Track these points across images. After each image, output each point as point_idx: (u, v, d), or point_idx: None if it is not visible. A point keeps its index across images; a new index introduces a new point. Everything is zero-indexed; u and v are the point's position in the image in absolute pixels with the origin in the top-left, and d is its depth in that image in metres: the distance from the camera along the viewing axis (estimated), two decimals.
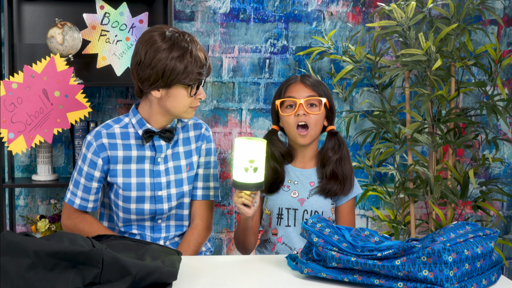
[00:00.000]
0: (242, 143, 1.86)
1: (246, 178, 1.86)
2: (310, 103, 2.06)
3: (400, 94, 3.10)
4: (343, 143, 2.10)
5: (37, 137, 2.65)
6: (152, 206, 2.05)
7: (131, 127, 2.05)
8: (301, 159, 2.14)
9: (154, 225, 2.10)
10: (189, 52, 1.92)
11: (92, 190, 2.06)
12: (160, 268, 1.42)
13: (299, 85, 2.08)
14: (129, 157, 2.03)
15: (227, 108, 3.07)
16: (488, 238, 1.55)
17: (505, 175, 3.21)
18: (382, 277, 1.51)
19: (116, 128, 2.04)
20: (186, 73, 1.91)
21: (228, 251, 3.14)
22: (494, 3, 3.06)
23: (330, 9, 3.07)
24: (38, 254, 1.36)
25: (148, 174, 2.04)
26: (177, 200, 2.08)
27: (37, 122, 2.65)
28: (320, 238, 1.58)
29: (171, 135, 2.03)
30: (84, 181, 2.04)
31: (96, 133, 2.04)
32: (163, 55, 1.90)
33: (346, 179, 2.08)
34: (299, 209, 2.10)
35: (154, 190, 2.04)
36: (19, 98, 2.63)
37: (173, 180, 2.07)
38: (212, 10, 3.03)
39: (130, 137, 2.04)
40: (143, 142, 2.02)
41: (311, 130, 2.06)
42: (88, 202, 2.07)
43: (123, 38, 2.87)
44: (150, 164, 2.05)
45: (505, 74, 3.15)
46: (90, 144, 2.03)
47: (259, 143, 1.86)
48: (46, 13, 2.90)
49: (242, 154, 1.86)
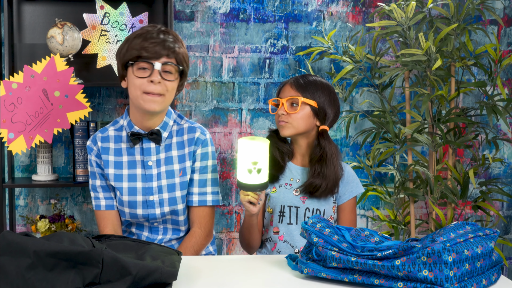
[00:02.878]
0: (245, 144, 1.85)
1: (250, 179, 1.87)
2: (291, 103, 2.09)
3: (400, 94, 3.10)
4: (329, 144, 2.11)
5: (37, 137, 2.65)
6: (144, 211, 2.04)
7: (124, 130, 2.06)
8: (300, 157, 2.16)
9: (151, 226, 2.10)
10: (141, 30, 1.92)
11: (109, 188, 2.07)
12: (160, 268, 1.42)
13: (287, 86, 2.13)
14: (120, 162, 2.03)
15: (227, 108, 3.07)
16: (488, 238, 1.55)
17: (505, 175, 3.21)
18: (382, 277, 1.51)
19: (110, 131, 2.05)
20: (129, 51, 1.91)
21: (228, 251, 3.14)
22: (494, 3, 3.06)
23: (330, 9, 3.07)
24: (38, 254, 1.36)
25: (140, 179, 2.03)
26: (169, 205, 2.05)
27: (37, 122, 2.65)
28: (320, 238, 1.58)
29: (158, 137, 2.00)
30: (100, 182, 2.05)
31: (93, 138, 2.08)
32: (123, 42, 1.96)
33: (327, 179, 2.08)
34: (301, 207, 2.11)
35: (145, 195, 2.03)
36: (19, 98, 2.63)
37: (165, 184, 2.03)
38: (212, 10, 3.03)
39: (122, 140, 2.04)
40: (130, 145, 2.02)
41: (289, 124, 2.08)
42: (113, 200, 2.07)
43: (123, 38, 2.87)
44: (142, 168, 2.03)
45: (505, 74, 3.15)
46: (91, 149, 2.07)
47: (262, 143, 1.86)
48: (46, 13, 2.90)
49: (245, 156, 1.85)
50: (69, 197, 3.04)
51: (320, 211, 2.11)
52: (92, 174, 2.07)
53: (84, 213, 3.04)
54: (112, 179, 2.02)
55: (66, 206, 3.03)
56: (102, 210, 2.06)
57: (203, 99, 3.06)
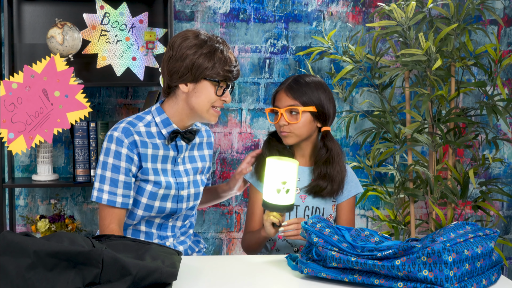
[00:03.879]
0: (275, 164, 1.86)
1: (278, 199, 1.86)
2: (290, 111, 2.08)
3: (400, 94, 3.10)
4: (334, 145, 2.11)
5: (37, 137, 2.65)
6: (173, 205, 2.08)
7: (154, 126, 2.06)
8: (301, 157, 2.16)
9: (162, 223, 2.11)
10: (219, 50, 2.00)
11: (132, 185, 2.03)
12: (160, 268, 1.42)
13: (282, 94, 2.12)
14: (156, 156, 2.05)
15: (227, 108, 3.07)
16: (488, 238, 1.55)
17: (505, 175, 3.21)
18: (382, 277, 1.51)
19: (141, 127, 2.05)
20: (214, 69, 1.98)
21: (228, 251, 3.14)
22: (494, 3, 3.06)
23: (330, 9, 3.07)
24: (38, 254, 1.36)
25: (170, 174, 2.07)
26: (194, 200, 2.14)
27: (37, 122, 2.65)
28: (320, 238, 1.58)
29: (192, 137, 2.09)
30: (124, 177, 2.00)
31: (123, 129, 2.01)
32: (193, 50, 1.98)
33: (334, 181, 2.09)
34: (301, 205, 2.11)
35: (177, 189, 2.08)
36: (19, 98, 2.63)
37: (192, 181, 2.13)
38: (212, 10, 3.03)
39: (154, 136, 2.06)
40: (167, 142, 2.05)
41: (292, 134, 2.08)
42: (129, 199, 2.03)
43: (123, 38, 2.87)
44: (171, 164, 2.09)
45: (505, 74, 3.15)
46: (121, 140, 2.00)
47: (291, 163, 1.86)
48: (46, 13, 2.90)
49: (274, 175, 1.85)
50: (69, 197, 3.04)
51: (319, 210, 2.12)
52: (115, 167, 2.00)
53: (84, 213, 3.05)
54: (151, 173, 2.03)
55: (66, 206, 3.03)
56: (115, 207, 2.01)
57: None
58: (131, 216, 2.07)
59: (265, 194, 1.88)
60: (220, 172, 3.09)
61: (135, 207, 2.06)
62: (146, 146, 2.03)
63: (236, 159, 3.09)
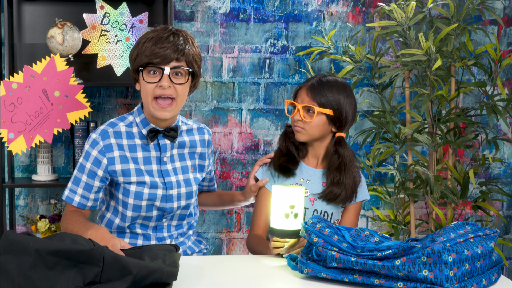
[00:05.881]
0: (281, 190, 1.85)
1: (286, 224, 1.84)
2: (307, 109, 2.07)
3: (400, 94, 3.10)
4: (346, 151, 2.09)
5: (37, 137, 2.65)
6: (163, 204, 2.06)
7: (135, 126, 2.05)
8: (313, 158, 2.15)
9: (157, 224, 2.10)
10: (149, 38, 1.95)
11: (93, 188, 2.03)
12: (161, 268, 1.43)
13: (304, 91, 2.10)
14: (135, 158, 2.03)
15: (227, 108, 3.07)
16: (488, 238, 1.55)
17: (505, 175, 3.21)
18: (382, 277, 1.51)
19: (121, 127, 2.04)
20: (140, 56, 1.95)
21: (228, 251, 3.14)
22: (494, 3, 3.06)
23: (330, 9, 3.07)
24: (39, 253, 1.36)
25: (156, 174, 2.05)
26: (186, 199, 2.10)
27: (37, 122, 2.65)
28: (320, 238, 1.58)
29: (175, 134, 2.05)
30: (86, 178, 2.02)
31: (102, 132, 2.02)
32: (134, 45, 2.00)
33: (347, 187, 2.09)
34: (310, 208, 2.11)
35: (166, 189, 2.06)
36: (19, 98, 2.63)
37: (181, 179, 2.09)
38: (212, 10, 3.03)
39: (135, 137, 2.04)
40: (148, 142, 2.03)
41: (304, 131, 2.08)
42: (87, 201, 2.04)
43: (123, 38, 2.87)
44: (157, 164, 2.06)
45: (505, 74, 3.15)
46: (96, 142, 2.01)
47: (298, 188, 1.86)
48: (46, 13, 2.90)
49: (282, 201, 1.84)
50: None
51: (328, 214, 2.11)
52: (82, 167, 2.02)
53: None
54: (134, 173, 2.02)
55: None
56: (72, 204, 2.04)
57: (203, 99, 3.06)
58: (122, 217, 2.07)
59: (273, 221, 1.86)
60: (220, 172, 3.09)
61: (124, 208, 2.06)
62: (122, 148, 2.02)
63: (236, 159, 3.09)
